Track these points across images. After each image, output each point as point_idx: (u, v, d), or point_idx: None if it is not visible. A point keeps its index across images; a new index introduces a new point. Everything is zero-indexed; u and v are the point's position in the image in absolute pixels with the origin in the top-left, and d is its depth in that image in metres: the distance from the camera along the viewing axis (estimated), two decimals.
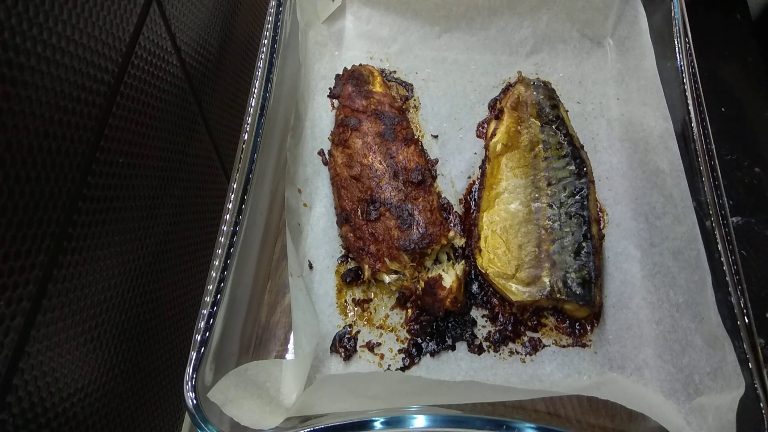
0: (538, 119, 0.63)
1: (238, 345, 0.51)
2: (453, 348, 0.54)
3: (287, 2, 0.61)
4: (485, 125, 0.66)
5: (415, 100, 0.69)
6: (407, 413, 0.42)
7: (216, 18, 0.63)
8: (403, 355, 0.54)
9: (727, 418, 0.42)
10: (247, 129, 0.52)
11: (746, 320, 0.44)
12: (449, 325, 0.55)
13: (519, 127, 0.63)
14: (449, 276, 0.53)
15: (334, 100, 0.68)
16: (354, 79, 0.65)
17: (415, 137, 0.63)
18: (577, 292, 0.53)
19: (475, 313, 0.56)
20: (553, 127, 0.62)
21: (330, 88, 0.67)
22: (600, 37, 0.70)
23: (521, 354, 0.54)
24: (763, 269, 0.65)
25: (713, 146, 0.52)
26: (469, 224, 0.61)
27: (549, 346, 0.54)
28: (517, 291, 0.54)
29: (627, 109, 0.65)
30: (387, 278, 0.55)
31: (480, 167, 0.63)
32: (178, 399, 0.59)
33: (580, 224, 0.56)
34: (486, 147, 0.64)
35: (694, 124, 0.53)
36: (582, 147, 0.63)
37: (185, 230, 0.59)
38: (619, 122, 0.65)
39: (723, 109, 0.76)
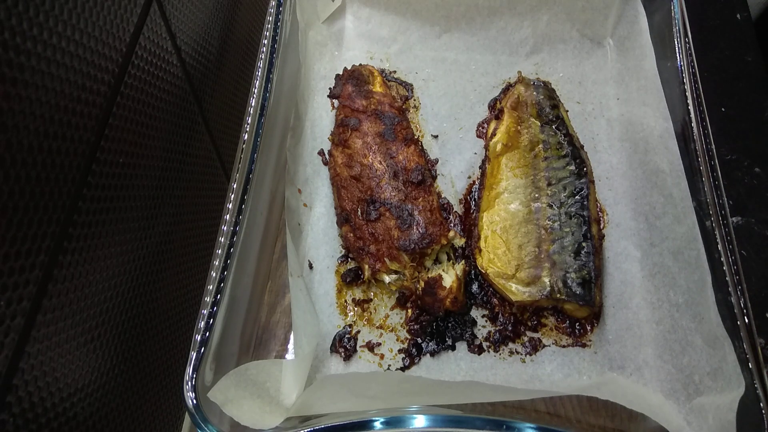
0: (538, 119, 0.63)
1: (238, 345, 0.51)
2: (453, 348, 0.54)
3: (287, 2, 0.61)
4: (485, 125, 0.66)
5: (415, 100, 0.69)
6: (407, 413, 0.42)
7: (216, 18, 0.63)
8: (403, 355, 0.54)
9: (727, 418, 0.42)
10: (247, 129, 0.52)
11: (746, 320, 0.44)
12: (449, 325, 0.55)
13: (519, 127, 0.63)
14: (449, 276, 0.53)
15: (334, 100, 0.68)
16: (354, 79, 0.65)
17: (415, 137, 0.63)
18: (577, 292, 0.53)
19: (475, 313, 0.56)
20: (553, 127, 0.62)
21: (330, 88, 0.67)
22: (600, 37, 0.70)
23: (521, 354, 0.54)
24: (763, 269, 0.65)
25: (713, 146, 0.52)
26: (469, 224, 0.61)
27: (549, 346, 0.54)
28: (517, 291, 0.54)
29: (627, 109, 0.65)
30: (387, 278, 0.55)
31: (480, 167, 0.63)
32: (178, 399, 0.59)
33: (580, 224, 0.56)
34: (486, 147, 0.64)
35: (694, 124, 0.53)
36: (582, 147, 0.63)
37: (185, 230, 0.59)
38: (619, 122, 0.65)
39: (723, 109, 0.76)
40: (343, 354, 0.54)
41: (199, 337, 0.44)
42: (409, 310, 0.56)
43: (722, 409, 0.43)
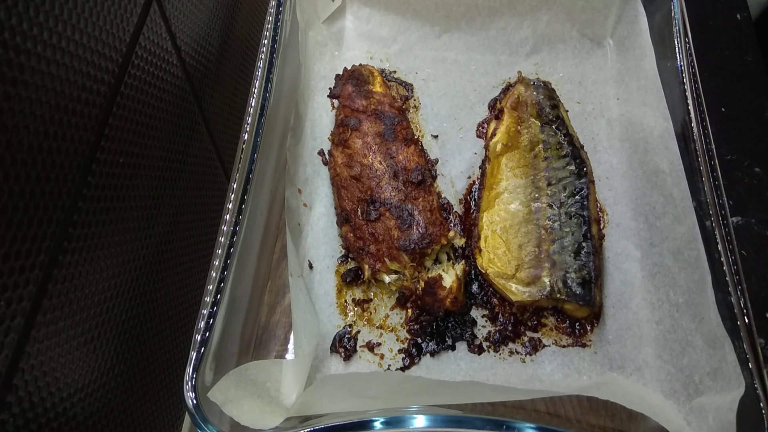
0: (538, 119, 0.63)
1: (238, 345, 0.51)
2: (453, 348, 0.54)
3: (287, 2, 0.61)
4: (485, 125, 0.66)
5: (415, 100, 0.69)
6: (407, 413, 0.42)
7: (216, 18, 0.63)
8: (403, 355, 0.54)
9: (727, 418, 0.42)
10: (247, 129, 0.52)
11: (746, 320, 0.44)
12: (449, 325, 0.55)
13: (519, 127, 0.63)
14: (449, 276, 0.53)
15: (334, 100, 0.68)
16: (354, 79, 0.65)
17: (415, 137, 0.63)
18: (577, 292, 0.53)
19: (475, 313, 0.56)
20: (553, 127, 0.62)
21: (330, 88, 0.67)
22: (600, 37, 0.70)
23: (521, 354, 0.54)
24: (763, 269, 0.65)
25: (713, 146, 0.52)
26: (469, 224, 0.61)
27: (549, 346, 0.54)
28: (517, 291, 0.54)
29: (627, 109, 0.65)
30: (387, 278, 0.55)
31: (480, 167, 0.63)
32: (178, 399, 0.59)
33: (580, 224, 0.56)
34: (486, 147, 0.64)
35: (694, 124, 0.53)
36: (582, 147, 0.63)
37: (185, 230, 0.59)
38: (619, 122, 0.65)
39: (723, 109, 0.76)
40: (343, 354, 0.54)
41: (199, 337, 0.44)
42: (409, 310, 0.56)
43: (722, 409, 0.43)
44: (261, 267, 0.57)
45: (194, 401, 0.41)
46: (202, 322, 0.44)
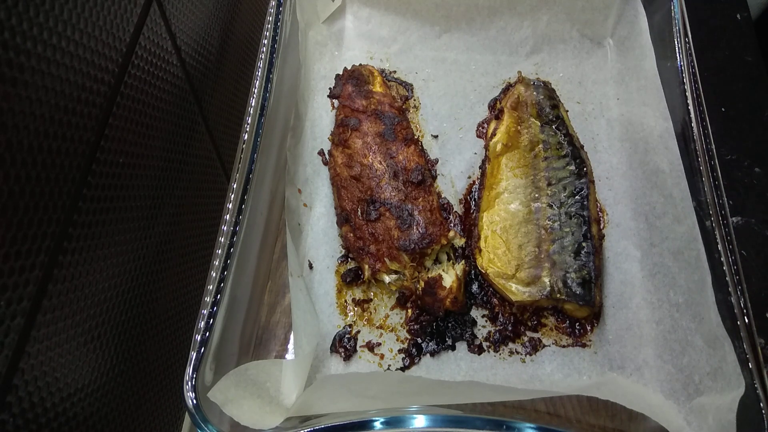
0: (538, 119, 0.63)
1: (238, 345, 0.51)
2: (453, 348, 0.54)
3: (287, 2, 0.61)
4: (485, 125, 0.66)
5: (415, 100, 0.69)
6: (407, 413, 0.42)
7: (216, 18, 0.63)
8: (403, 355, 0.54)
9: (727, 418, 0.42)
10: (247, 129, 0.52)
11: (746, 320, 0.44)
12: (449, 325, 0.55)
13: (519, 127, 0.63)
14: (449, 276, 0.53)
15: (334, 100, 0.68)
16: (354, 79, 0.65)
17: (415, 137, 0.63)
18: (577, 292, 0.53)
19: (475, 313, 0.56)
20: (553, 127, 0.62)
21: (330, 88, 0.67)
22: (600, 37, 0.70)
23: (521, 354, 0.54)
24: (763, 269, 0.65)
25: (713, 146, 0.52)
26: (469, 224, 0.61)
27: (549, 346, 0.54)
28: (517, 291, 0.54)
29: (627, 109, 0.65)
30: (387, 278, 0.55)
31: (480, 167, 0.63)
32: (178, 399, 0.59)
33: (580, 224, 0.56)
34: (486, 147, 0.64)
35: (694, 124, 0.53)
36: (582, 147, 0.63)
37: (185, 230, 0.59)
38: (619, 122, 0.65)
39: (723, 109, 0.76)
40: (343, 354, 0.54)
41: (199, 337, 0.44)
42: (409, 310, 0.56)
43: (722, 409, 0.43)
44: (261, 267, 0.57)
45: (194, 401, 0.41)
46: (202, 322, 0.44)
